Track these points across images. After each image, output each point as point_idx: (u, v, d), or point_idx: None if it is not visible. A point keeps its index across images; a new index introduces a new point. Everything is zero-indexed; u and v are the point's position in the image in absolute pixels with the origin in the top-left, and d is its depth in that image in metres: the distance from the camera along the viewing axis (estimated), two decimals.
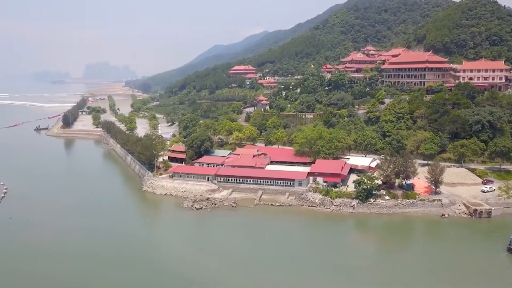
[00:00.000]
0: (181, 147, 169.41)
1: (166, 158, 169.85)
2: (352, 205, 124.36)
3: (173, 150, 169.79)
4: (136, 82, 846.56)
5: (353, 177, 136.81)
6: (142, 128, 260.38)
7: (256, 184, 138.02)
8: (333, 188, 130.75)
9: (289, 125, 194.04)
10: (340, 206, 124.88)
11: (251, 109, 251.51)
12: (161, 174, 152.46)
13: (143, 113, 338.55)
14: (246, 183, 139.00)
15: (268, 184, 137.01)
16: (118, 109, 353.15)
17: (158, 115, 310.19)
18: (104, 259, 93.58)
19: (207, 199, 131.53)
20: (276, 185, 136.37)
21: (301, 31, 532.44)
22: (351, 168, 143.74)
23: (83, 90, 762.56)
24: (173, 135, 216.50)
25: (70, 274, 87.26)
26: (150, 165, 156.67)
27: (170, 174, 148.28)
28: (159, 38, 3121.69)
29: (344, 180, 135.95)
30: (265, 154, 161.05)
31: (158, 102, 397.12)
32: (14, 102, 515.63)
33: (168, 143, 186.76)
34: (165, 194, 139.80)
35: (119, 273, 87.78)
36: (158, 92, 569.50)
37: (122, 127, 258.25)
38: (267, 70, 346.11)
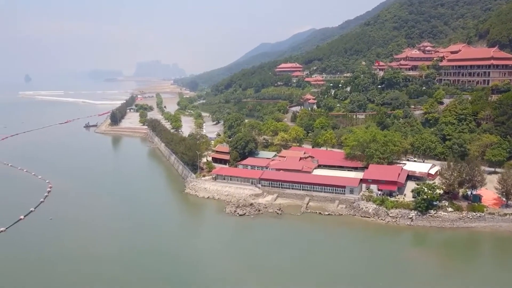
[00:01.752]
0: (225, 147, 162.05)
1: (209, 158, 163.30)
2: (410, 217, 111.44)
3: (217, 151, 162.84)
4: (184, 80, 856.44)
5: (411, 185, 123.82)
6: (187, 127, 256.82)
7: (303, 189, 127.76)
8: (388, 197, 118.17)
9: (338, 125, 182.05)
10: (396, 217, 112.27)
11: (297, 109, 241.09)
12: (204, 175, 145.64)
13: (189, 111, 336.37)
14: (292, 188, 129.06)
15: (316, 190, 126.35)
16: (165, 107, 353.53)
17: (203, 114, 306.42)
18: (137, 268, 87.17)
19: (251, 204, 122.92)
20: (325, 191, 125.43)
21: (350, 28, 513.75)
22: (408, 175, 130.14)
23: (133, 88, 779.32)
24: (218, 135, 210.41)
25: (101, 277, 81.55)
26: (193, 166, 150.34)
27: (213, 176, 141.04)
28: (208, 37, 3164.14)
29: (400, 189, 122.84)
30: (312, 157, 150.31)
31: (204, 101, 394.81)
32: (69, 99, 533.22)
33: (212, 143, 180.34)
34: (207, 197, 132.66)
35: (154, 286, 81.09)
36: (204, 90, 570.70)
37: (168, 125, 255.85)
38: (314, 68, 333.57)
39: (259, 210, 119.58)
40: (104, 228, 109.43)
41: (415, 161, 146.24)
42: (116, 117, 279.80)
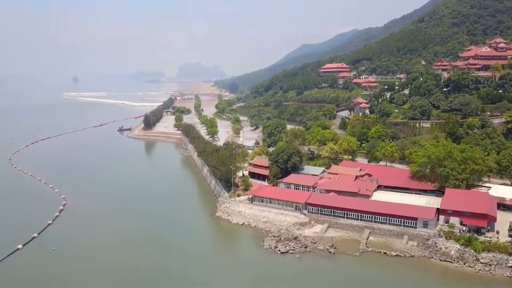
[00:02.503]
0: (264, 161, 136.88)
1: (246, 172, 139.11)
2: (509, 265, 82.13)
3: (254, 165, 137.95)
4: (224, 82, 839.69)
5: (502, 217, 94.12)
6: (224, 132, 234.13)
7: (361, 219, 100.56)
8: (476, 235, 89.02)
9: (398, 135, 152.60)
10: (490, 265, 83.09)
11: (345, 113, 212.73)
12: (239, 195, 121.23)
13: (227, 114, 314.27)
14: (348, 217, 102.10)
15: (378, 221, 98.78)
16: (202, 110, 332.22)
17: (242, 118, 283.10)
18: None
19: (295, 238, 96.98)
20: (390, 223, 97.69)
21: (396, 27, 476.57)
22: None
23: (174, 89, 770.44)
24: (256, 143, 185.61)
25: None
26: (227, 183, 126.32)
27: (250, 197, 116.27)
28: (249, 38, 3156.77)
29: (491, 223, 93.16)
30: (370, 175, 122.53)
31: (243, 103, 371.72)
32: (109, 100, 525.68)
33: (250, 153, 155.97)
34: (242, 224, 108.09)
35: None
36: (244, 92, 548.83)
37: (204, 130, 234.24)
38: (363, 68, 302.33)
39: (306, 247, 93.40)
40: (111, 261, 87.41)
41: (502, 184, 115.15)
42: (149, 121, 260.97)
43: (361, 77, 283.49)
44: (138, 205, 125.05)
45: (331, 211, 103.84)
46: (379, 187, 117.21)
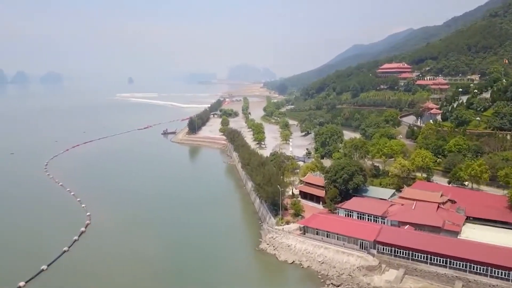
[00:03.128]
0: (318, 178, 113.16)
1: (296, 191, 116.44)
2: None
3: (307, 183, 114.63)
4: (274, 84, 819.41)
5: None
6: (271, 138, 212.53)
7: (450, 267, 74.70)
8: None
9: (483, 149, 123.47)
10: None
11: (410, 119, 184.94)
12: (288, 222, 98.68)
13: (275, 118, 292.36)
14: (431, 263, 76.55)
15: (475, 271, 72.59)
16: (250, 113, 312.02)
17: (291, 122, 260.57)
18: None
19: None
20: (492, 275, 71.25)
21: (459, 25, 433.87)
22: None
23: (224, 91, 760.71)
24: (308, 153, 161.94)
25: None
26: (274, 205, 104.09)
27: (301, 228, 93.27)
28: (299, 38, 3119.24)
29: None
30: (453, 202, 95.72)
31: (292, 106, 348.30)
32: (159, 101, 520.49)
33: (301, 166, 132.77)
34: (292, 263, 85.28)
35: None
36: (293, 94, 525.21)
37: (250, 135, 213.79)
38: (427, 69, 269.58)
39: None
40: None
41: None
42: (194, 124, 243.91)
43: (426, 78, 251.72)
44: (172, 226, 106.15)
45: (408, 253, 78.72)
46: (467, 219, 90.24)
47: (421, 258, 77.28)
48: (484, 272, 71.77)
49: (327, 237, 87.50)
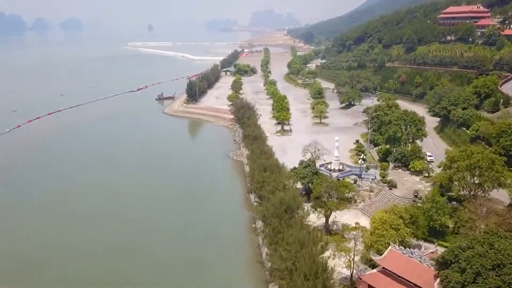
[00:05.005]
0: (412, 262, 48.70)
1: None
2: None
3: (386, 271, 50.10)
4: (298, 31, 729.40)
5: None
6: (298, 112, 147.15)
7: None
8: None
9: None
10: None
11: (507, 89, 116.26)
12: None
13: (303, 78, 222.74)
14: None
15: None
16: (270, 72, 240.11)
17: (324, 83, 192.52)
18: None
19: None
20: None
21: None
22: None
23: (244, 39, 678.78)
24: (362, 159, 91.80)
25: None
26: None
27: None
28: None
29: None
30: None
31: (324, 60, 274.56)
32: (169, 52, 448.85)
33: (360, 192, 68.51)
34: None
35: None
36: (322, 44, 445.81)
37: (268, 108, 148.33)
38: None
39: None
40: None
41: None
42: (194, 90, 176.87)
43: None
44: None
45: None
46: None
47: None
48: None
49: None
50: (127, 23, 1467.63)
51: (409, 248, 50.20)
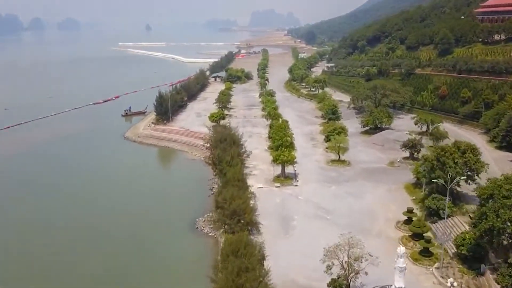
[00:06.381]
0: None
1: None
2: None
3: None
4: (299, 31, 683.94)
5: None
6: (307, 145, 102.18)
7: None
8: None
9: None
10: None
11: None
12: None
13: (308, 87, 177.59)
14: None
15: None
16: (267, 80, 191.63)
17: (335, 95, 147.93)
18: None
19: None
20: None
21: None
22: None
23: (243, 39, 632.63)
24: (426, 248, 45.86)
25: None
26: None
27: None
28: None
29: None
30: None
31: (331, 64, 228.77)
32: (159, 54, 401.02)
33: None
34: None
35: None
36: (325, 44, 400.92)
37: (264, 131, 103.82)
38: None
39: None
40: None
41: None
42: (165, 108, 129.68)
43: None
44: None
45: None
46: None
47: None
48: None
49: None
50: (125, 24, 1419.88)
51: None
